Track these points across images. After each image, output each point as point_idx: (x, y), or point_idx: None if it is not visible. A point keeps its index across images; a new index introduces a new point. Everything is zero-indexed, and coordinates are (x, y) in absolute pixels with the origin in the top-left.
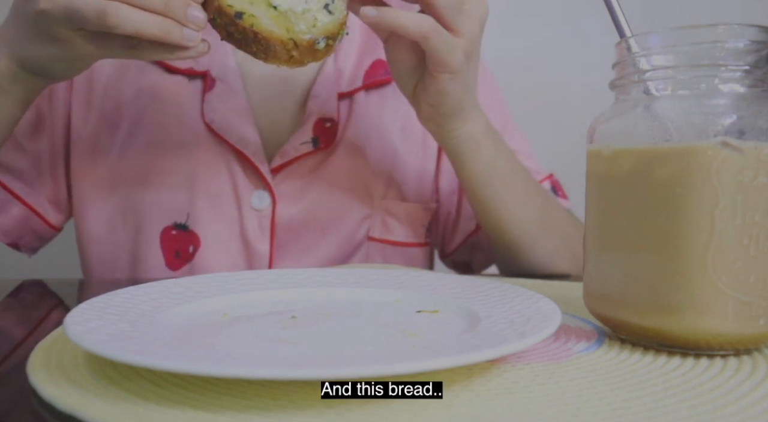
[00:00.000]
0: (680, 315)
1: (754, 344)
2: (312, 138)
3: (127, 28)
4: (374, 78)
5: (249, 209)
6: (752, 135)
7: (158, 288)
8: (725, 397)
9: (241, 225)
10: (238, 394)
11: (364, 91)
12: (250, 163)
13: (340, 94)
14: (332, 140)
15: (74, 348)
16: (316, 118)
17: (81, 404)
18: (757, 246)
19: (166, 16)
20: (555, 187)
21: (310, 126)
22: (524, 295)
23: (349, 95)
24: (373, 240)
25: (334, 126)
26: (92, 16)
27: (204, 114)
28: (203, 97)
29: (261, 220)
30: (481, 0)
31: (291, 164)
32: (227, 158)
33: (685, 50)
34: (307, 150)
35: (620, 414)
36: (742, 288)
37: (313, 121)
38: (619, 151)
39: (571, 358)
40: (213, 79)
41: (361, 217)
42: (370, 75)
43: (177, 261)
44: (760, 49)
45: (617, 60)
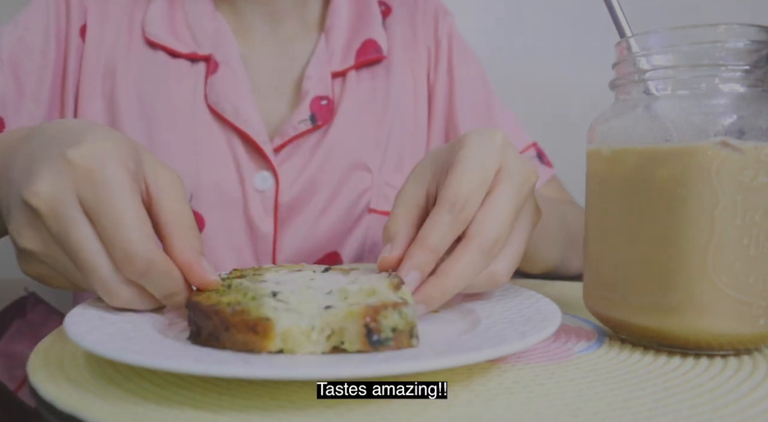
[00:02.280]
0: (680, 315)
1: (754, 344)
2: (310, 115)
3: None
4: (366, 56)
5: (253, 190)
6: (752, 135)
7: None
8: (725, 397)
9: (245, 206)
10: (238, 394)
11: (356, 69)
12: (254, 143)
13: (333, 73)
14: (329, 117)
15: (74, 348)
16: (313, 96)
17: (81, 404)
18: (757, 246)
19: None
20: (540, 155)
21: (306, 104)
22: (524, 295)
23: (342, 74)
24: (374, 212)
25: (330, 103)
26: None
27: (207, 96)
28: (206, 80)
29: (264, 201)
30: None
31: (291, 143)
32: (231, 140)
33: (685, 50)
34: (305, 128)
35: (620, 414)
36: (742, 288)
37: (310, 99)
38: (619, 151)
39: (571, 358)
40: (216, 63)
41: (361, 190)
42: (362, 53)
43: None
44: (760, 49)
45: (617, 60)
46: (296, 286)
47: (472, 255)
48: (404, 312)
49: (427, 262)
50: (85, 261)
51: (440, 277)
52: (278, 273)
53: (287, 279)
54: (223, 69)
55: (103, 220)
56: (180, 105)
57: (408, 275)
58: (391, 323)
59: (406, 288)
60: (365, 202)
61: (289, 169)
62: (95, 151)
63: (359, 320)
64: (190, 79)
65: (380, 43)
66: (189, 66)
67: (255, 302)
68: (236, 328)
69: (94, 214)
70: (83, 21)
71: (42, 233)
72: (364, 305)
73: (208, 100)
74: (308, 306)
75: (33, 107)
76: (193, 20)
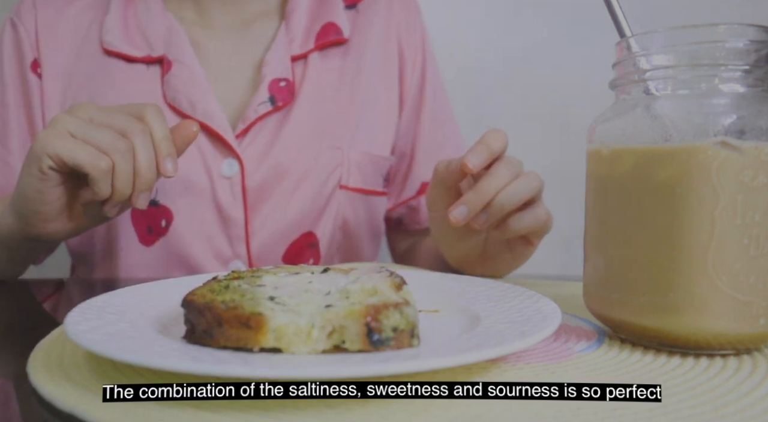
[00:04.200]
0: (680, 315)
1: (754, 344)
2: (269, 97)
3: (104, 194)
4: (326, 39)
5: (220, 178)
6: (752, 135)
7: (158, 288)
8: (725, 397)
9: (213, 195)
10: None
11: (318, 51)
12: (216, 134)
13: (293, 57)
14: (290, 99)
15: (74, 348)
16: (270, 79)
17: (81, 404)
18: (757, 246)
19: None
20: None
21: (265, 87)
22: (524, 295)
23: (303, 57)
24: (345, 188)
25: (290, 85)
26: (89, 172)
27: (165, 95)
28: (163, 80)
29: (233, 187)
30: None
31: (253, 126)
32: None
33: (685, 50)
34: (265, 110)
35: (620, 414)
36: (742, 288)
37: (268, 81)
38: (619, 151)
39: (571, 358)
40: (170, 62)
41: (332, 167)
42: (321, 36)
43: (150, 237)
44: (760, 49)
45: (617, 60)
46: (294, 290)
47: (499, 165)
48: (405, 312)
49: (474, 200)
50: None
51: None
52: (277, 275)
53: (285, 283)
54: (177, 66)
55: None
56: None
57: (455, 210)
58: (392, 323)
59: (407, 288)
60: (336, 178)
61: (254, 153)
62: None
63: (360, 319)
64: (147, 81)
65: (341, 26)
66: (145, 69)
67: (250, 301)
68: (229, 324)
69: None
70: (34, 55)
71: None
72: (366, 304)
73: (167, 98)
74: (307, 307)
75: (9, 157)
76: (145, 24)
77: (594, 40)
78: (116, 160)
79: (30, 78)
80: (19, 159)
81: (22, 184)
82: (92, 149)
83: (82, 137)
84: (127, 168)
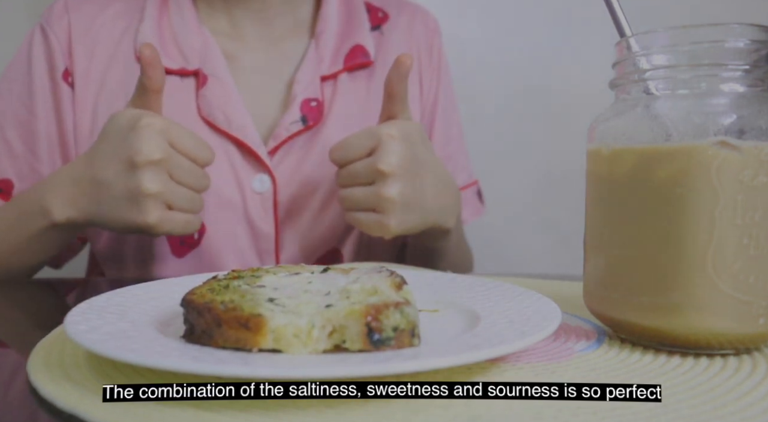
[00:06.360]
0: (680, 315)
1: (754, 344)
2: (300, 116)
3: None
4: (353, 61)
5: (251, 193)
6: (752, 134)
7: (159, 287)
8: (725, 397)
9: (245, 209)
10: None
11: (346, 72)
12: (249, 149)
13: (323, 77)
14: (320, 117)
15: (74, 347)
16: (302, 99)
17: (81, 403)
18: (757, 246)
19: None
20: (479, 193)
21: (297, 106)
22: (524, 295)
23: (332, 77)
24: None
25: (320, 105)
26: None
27: (200, 109)
28: (197, 93)
29: (264, 202)
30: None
31: (284, 144)
32: (226, 148)
33: (685, 50)
34: (297, 129)
35: (620, 414)
36: (742, 288)
37: (299, 101)
38: (619, 150)
39: (571, 358)
40: (205, 76)
41: None
42: (350, 58)
43: (182, 249)
44: (760, 49)
45: (617, 59)
46: (294, 290)
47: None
48: (406, 312)
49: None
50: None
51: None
52: (276, 275)
53: (285, 284)
54: (212, 81)
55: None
56: (173, 118)
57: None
58: (392, 322)
59: (407, 288)
60: None
61: (285, 170)
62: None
63: (361, 319)
64: (181, 93)
65: (368, 49)
66: (179, 81)
67: (250, 302)
68: (228, 325)
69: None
70: (66, 64)
71: (161, 172)
72: (366, 304)
73: (202, 112)
74: (307, 307)
75: (38, 164)
76: (181, 36)
77: (594, 40)
78: (194, 220)
79: (62, 87)
80: (48, 167)
81: (113, 191)
82: (183, 220)
83: (178, 208)
84: (199, 222)
